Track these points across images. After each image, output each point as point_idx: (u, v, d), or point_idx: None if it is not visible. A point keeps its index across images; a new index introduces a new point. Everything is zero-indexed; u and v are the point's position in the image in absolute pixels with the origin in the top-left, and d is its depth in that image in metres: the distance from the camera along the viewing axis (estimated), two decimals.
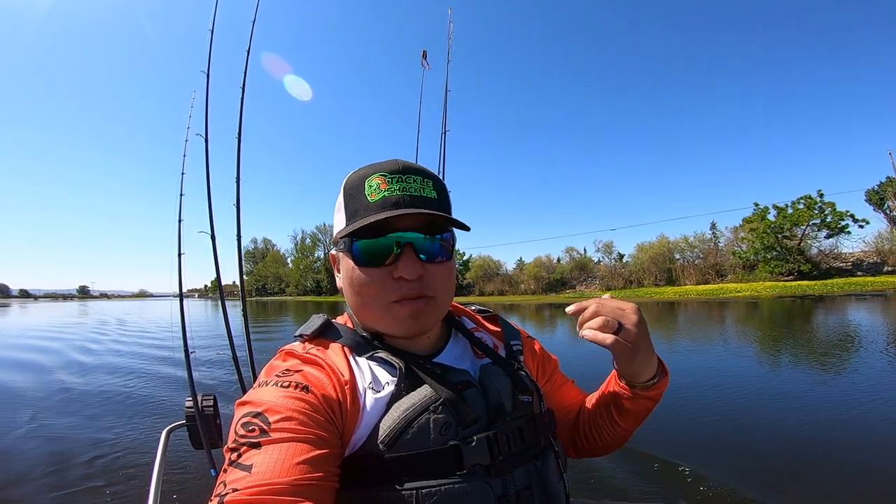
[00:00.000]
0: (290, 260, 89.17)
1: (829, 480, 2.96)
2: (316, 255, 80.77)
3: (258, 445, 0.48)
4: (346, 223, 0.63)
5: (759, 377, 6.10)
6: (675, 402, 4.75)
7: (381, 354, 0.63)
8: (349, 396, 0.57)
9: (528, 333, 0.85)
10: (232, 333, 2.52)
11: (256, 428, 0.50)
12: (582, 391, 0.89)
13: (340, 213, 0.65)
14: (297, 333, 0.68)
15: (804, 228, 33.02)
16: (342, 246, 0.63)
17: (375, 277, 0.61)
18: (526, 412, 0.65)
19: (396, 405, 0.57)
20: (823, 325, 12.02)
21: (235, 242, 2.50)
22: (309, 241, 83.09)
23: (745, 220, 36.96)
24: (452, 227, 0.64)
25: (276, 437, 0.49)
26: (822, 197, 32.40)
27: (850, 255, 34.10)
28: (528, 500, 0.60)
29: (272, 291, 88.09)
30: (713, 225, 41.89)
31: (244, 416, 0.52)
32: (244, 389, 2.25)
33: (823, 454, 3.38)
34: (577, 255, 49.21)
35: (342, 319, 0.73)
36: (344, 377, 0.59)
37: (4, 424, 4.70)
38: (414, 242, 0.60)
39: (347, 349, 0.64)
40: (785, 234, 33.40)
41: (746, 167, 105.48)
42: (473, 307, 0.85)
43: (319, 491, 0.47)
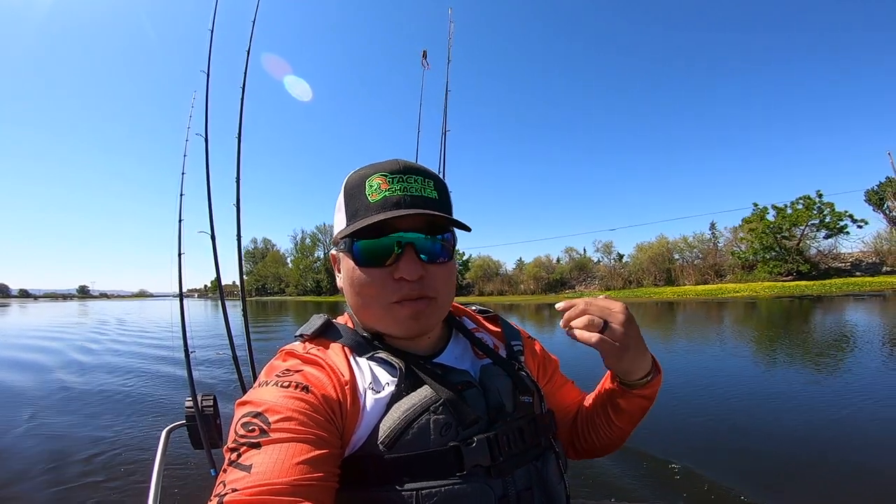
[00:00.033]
0: (289, 260, 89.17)
1: (825, 480, 2.97)
2: (316, 255, 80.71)
3: (258, 445, 0.48)
4: (346, 223, 0.63)
5: (755, 377, 6.11)
6: (675, 402, 4.75)
7: (381, 355, 0.63)
8: (349, 397, 0.57)
9: (528, 334, 0.84)
10: (232, 333, 2.52)
11: (256, 428, 0.49)
12: (582, 392, 0.89)
13: (341, 212, 0.64)
14: (297, 333, 0.68)
15: (803, 229, 33.00)
16: (343, 246, 0.63)
17: (376, 278, 0.61)
18: (526, 413, 0.65)
19: (397, 406, 0.57)
20: (820, 325, 12.03)
21: (235, 242, 2.50)
22: (309, 241, 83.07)
23: (744, 220, 37.01)
24: (453, 227, 0.64)
25: (275, 437, 0.48)
26: (820, 197, 32.44)
27: (848, 255, 34.11)
28: (528, 500, 0.59)
29: (272, 291, 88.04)
30: (712, 225, 41.91)
31: (244, 415, 0.52)
32: (244, 389, 2.25)
33: (819, 454, 3.39)
34: (576, 255, 49.22)
35: (343, 319, 0.73)
36: (344, 377, 0.58)
37: (4, 424, 4.69)
38: (415, 243, 0.60)
39: (348, 349, 0.64)
40: (784, 234, 33.38)
41: (746, 167, 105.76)
42: (474, 307, 0.85)
43: (319, 491, 0.47)
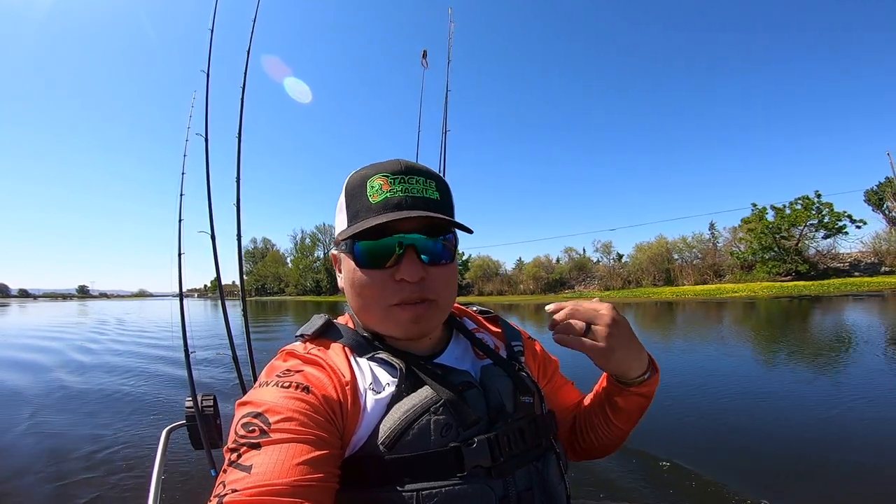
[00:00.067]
0: (289, 260, 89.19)
1: (825, 480, 2.98)
2: (315, 254, 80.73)
3: (258, 446, 0.48)
4: (347, 224, 0.63)
5: (754, 377, 6.11)
6: (675, 402, 4.75)
7: (381, 355, 0.63)
8: (350, 397, 0.57)
9: (528, 334, 0.84)
10: (232, 333, 2.51)
11: (256, 428, 0.49)
12: (582, 393, 0.88)
13: (342, 213, 0.64)
14: (297, 333, 0.68)
15: (801, 229, 32.99)
16: (344, 247, 0.63)
17: (377, 279, 0.60)
18: (527, 413, 0.65)
19: (397, 406, 0.57)
20: (817, 325, 12.07)
21: (235, 242, 2.50)
22: (308, 240, 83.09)
23: (743, 220, 37.02)
24: (455, 228, 0.64)
25: (276, 437, 0.48)
26: (819, 197, 32.43)
27: (847, 255, 34.10)
28: (529, 501, 0.59)
29: (271, 291, 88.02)
30: (712, 225, 41.91)
31: (244, 416, 0.51)
32: (244, 389, 2.25)
33: (820, 454, 3.39)
34: (575, 255, 49.22)
35: (343, 320, 0.72)
36: (345, 378, 0.58)
37: (4, 424, 4.69)
38: (416, 244, 0.60)
39: (348, 349, 0.64)
40: (782, 234, 33.37)
41: (746, 167, 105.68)
42: (474, 308, 0.85)
43: (319, 492, 0.47)
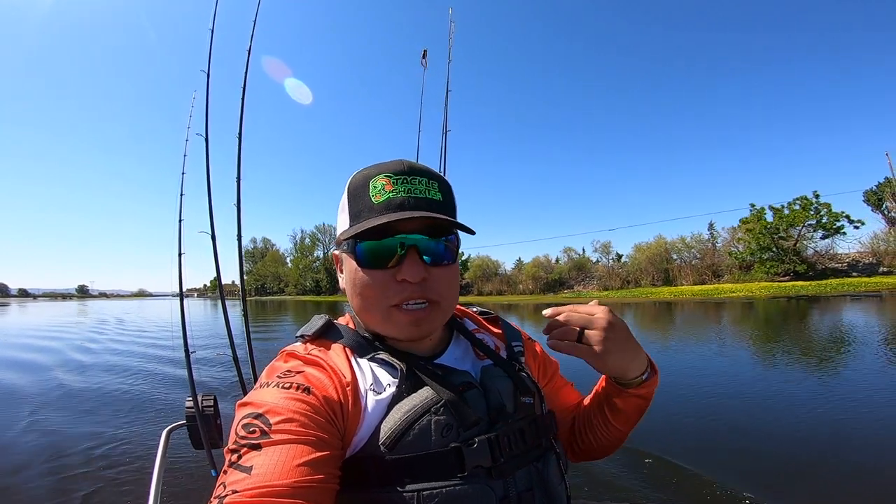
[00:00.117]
0: (289, 259, 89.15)
1: (824, 480, 2.99)
2: (315, 254, 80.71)
3: (258, 447, 0.48)
4: (349, 224, 0.63)
5: (753, 377, 6.11)
6: (675, 402, 4.76)
7: (382, 356, 0.63)
8: (350, 398, 0.57)
9: (528, 335, 0.85)
10: (232, 333, 2.51)
11: (257, 429, 0.49)
12: (581, 394, 0.89)
13: (344, 213, 0.64)
14: (298, 334, 0.68)
15: (800, 229, 32.96)
16: (345, 247, 0.63)
17: (378, 279, 0.60)
18: (527, 413, 0.65)
19: (398, 407, 0.57)
20: (812, 325, 12.09)
21: (236, 242, 2.50)
22: (308, 240, 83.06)
23: (741, 220, 36.97)
24: (457, 229, 0.64)
25: (276, 438, 0.48)
26: (817, 198, 32.35)
27: (845, 255, 34.06)
28: (529, 501, 0.59)
29: (271, 291, 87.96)
30: (711, 225, 41.89)
31: (245, 417, 0.51)
32: (244, 389, 2.25)
33: (819, 454, 3.41)
34: (575, 255, 49.20)
35: (344, 320, 0.72)
36: (345, 378, 0.58)
37: (3, 424, 4.69)
38: (418, 245, 0.60)
39: (349, 350, 0.64)
40: (781, 234, 33.34)
41: (746, 167, 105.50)
42: (474, 308, 0.85)
43: (320, 493, 0.47)
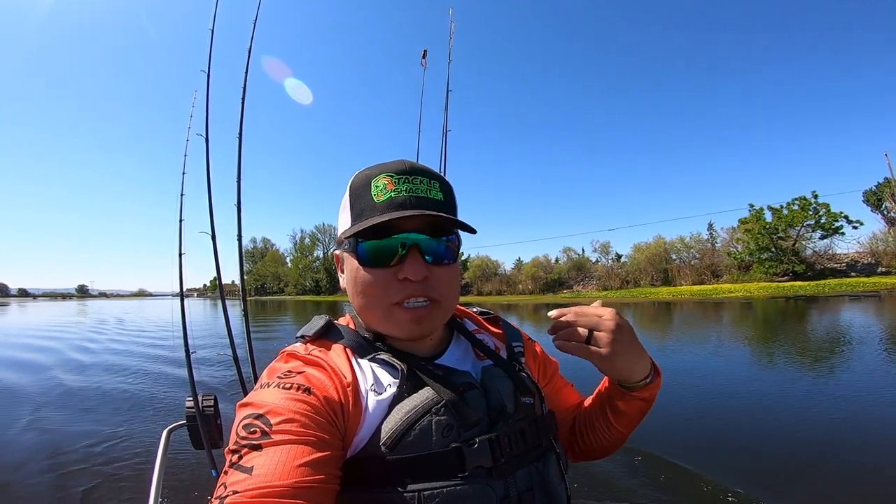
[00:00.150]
0: (289, 259, 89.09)
1: (825, 480, 2.98)
2: (315, 254, 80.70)
3: (259, 447, 0.48)
4: (351, 223, 0.63)
5: (753, 377, 6.11)
6: (675, 402, 4.76)
7: (382, 356, 0.63)
8: (351, 398, 0.57)
9: (528, 335, 0.85)
10: (232, 333, 2.51)
11: (258, 430, 0.49)
12: (582, 395, 0.89)
13: (346, 212, 0.64)
14: (298, 334, 0.68)
15: (798, 229, 32.91)
16: (347, 246, 0.63)
17: (380, 278, 0.61)
18: (528, 414, 0.65)
19: (398, 407, 0.57)
20: (810, 325, 12.10)
21: (236, 242, 2.49)
22: (308, 240, 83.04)
23: (740, 221, 36.92)
24: (458, 229, 0.64)
25: (277, 439, 0.48)
26: (816, 198, 32.28)
27: (844, 255, 34.00)
28: (529, 501, 0.60)
29: (271, 291, 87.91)
30: (710, 225, 41.82)
31: (245, 417, 0.52)
32: (244, 389, 2.25)
33: (819, 454, 3.40)
34: (574, 255, 49.17)
35: (344, 321, 0.73)
36: (346, 379, 0.58)
37: (3, 423, 4.69)
38: (419, 244, 0.60)
39: (349, 350, 0.64)
40: (779, 235, 33.30)
41: (746, 167, 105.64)
42: (475, 309, 0.85)
43: (320, 493, 0.47)
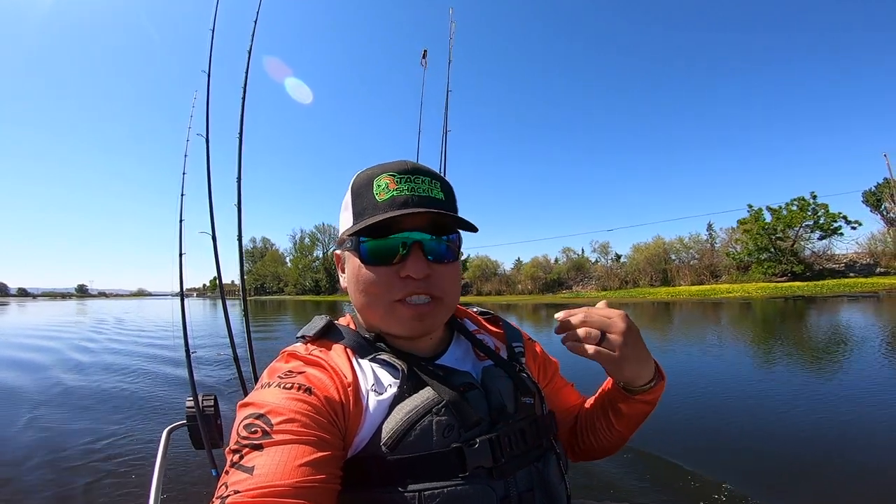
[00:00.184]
0: (288, 259, 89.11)
1: (829, 480, 2.98)
2: (315, 254, 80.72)
3: (260, 447, 0.48)
4: (353, 222, 0.63)
5: (755, 378, 6.11)
6: (676, 402, 4.76)
7: (383, 356, 0.63)
8: (352, 398, 0.57)
9: (528, 336, 0.85)
10: (233, 332, 2.51)
11: (259, 430, 0.50)
12: (581, 395, 0.89)
13: (347, 211, 0.65)
14: (299, 334, 0.68)
15: (797, 230, 32.88)
16: (349, 244, 0.63)
17: (382, 276, 0.61)
18: (528, 414, 0.65)
19: (399, 407, 0.57)
20: (809, 325, 12.10)
21: (236, 242, 2.49)
22: (308, 240, 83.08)
23: (739, 221, 36.90)
24: (460, 228, 0.65)
25: (278, 438, 0.49)
26: (815, 199, 32.25)
27: (842, 256, 33.97)
28: (529, 501, 0.60)
29: (270, 291, 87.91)
30: (710, 226, 41.81)
31: (246, 417, 0.52)
32: (245, 389, 2.25)
33: (824, 454, 3.40)
34: (574, 255, 49.18)
35: (344, 321, 0.73)
36: (346, 379, 0.59)
37: (3, 423, 4.68)
38: (422, 242, 0.61)
39: (350, 351, 0.64)
40: (778, 235, 33.28)
41: (746, 167, 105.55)
42: (475, 309, 0.85)
43: (321, 493, 0.47)
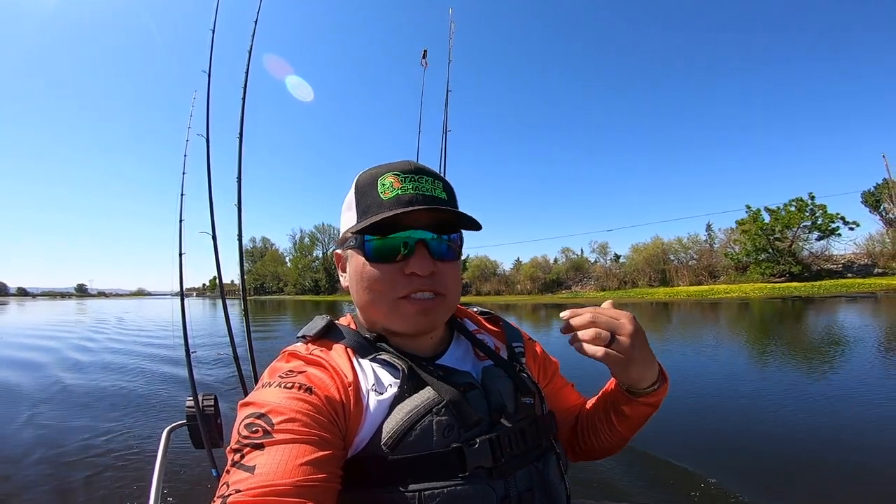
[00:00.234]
0: (288, 259, 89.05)
1: (824, 480, 2.99)
2: (314, 254, 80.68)
3: (261, 446, 0.48)
4: (357, 220, 0.63)
5: (752, 378, 6.11)
6: (676, 402, 4.76)
7: (383, 356, 0.63)
8: (352, 398, 0.57)
9: (528, 336, 0.85)
10: (233, 332, 2.51)
11: (259, 429, 0.50)
12: (581, 395, 0.89)
13: (351, 210, 0.65)
14: (299, 334, 0.68)
15: (795, 230, 32.82)
16: (353, 242, 0.64)
17: (386, 273, 0.61)
18: (528, 414, 0.66)
19: (399, 407, 0.57)
20: (807, 325, 12.11)
21: (236, 242, 2.49)
22: (307, 240, 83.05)
23: (737, 222, 36.87)
24: (465, 225, 0.65)
25: (279, 438, 0.49)
26: (813, 199, 32.20)
27: (840, 256, 33.92)
28: (529, 501, 0.60)
29: (270, 290, 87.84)
30: (709, 226, 41.78)
31: (247, 416, 0.52)
32: (245, 388, 2.25)
33: (819, 454, 3.41)
34: (573, 255, 49.18)
35: (345, 321, 0.73)
36: (347, 378, 0.59)
37: (3, 422, 4.68)
38: (426, 240, 0.61)
39: (350, 350, 0.64)
40: (776, 236, 33.23)
41: (745, 168, 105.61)
42: (475, 309, 0.86)
43: (322, 492, 0.48)
